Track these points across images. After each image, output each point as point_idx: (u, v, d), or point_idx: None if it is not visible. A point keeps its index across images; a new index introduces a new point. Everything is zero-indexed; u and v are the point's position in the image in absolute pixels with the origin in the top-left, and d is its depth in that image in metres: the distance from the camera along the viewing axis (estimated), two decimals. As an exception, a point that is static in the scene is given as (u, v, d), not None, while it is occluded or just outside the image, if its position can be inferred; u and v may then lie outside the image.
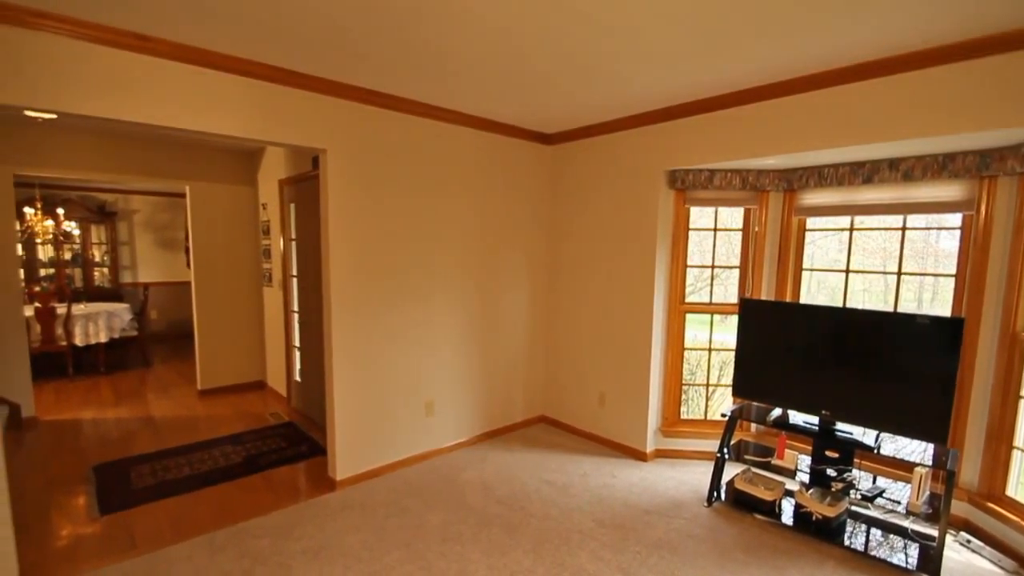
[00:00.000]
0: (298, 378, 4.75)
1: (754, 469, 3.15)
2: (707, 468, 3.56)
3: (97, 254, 7.72)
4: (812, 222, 3.52)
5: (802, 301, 3.56)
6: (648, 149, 3.59)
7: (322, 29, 2.24)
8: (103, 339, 5.98)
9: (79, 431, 4.22)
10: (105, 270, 7.76)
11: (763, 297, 3.63)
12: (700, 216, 3.85)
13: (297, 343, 4.72)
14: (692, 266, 3.83)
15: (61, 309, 5.70)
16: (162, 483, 3.29)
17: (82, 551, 2.58)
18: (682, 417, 3.89)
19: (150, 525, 2.82)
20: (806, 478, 2.90)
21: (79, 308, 6.00)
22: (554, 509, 3.05)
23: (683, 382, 3.87)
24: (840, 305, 3.27)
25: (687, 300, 3.81)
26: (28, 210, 6.19)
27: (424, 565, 2.50)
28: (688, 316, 3.79)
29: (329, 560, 2.53)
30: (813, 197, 3.41)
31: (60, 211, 6.64)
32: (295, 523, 2.85)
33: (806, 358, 2.96)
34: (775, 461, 3.03)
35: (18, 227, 5.32)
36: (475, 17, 2.09)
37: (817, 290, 3.78)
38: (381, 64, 2.66)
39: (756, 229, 3.62)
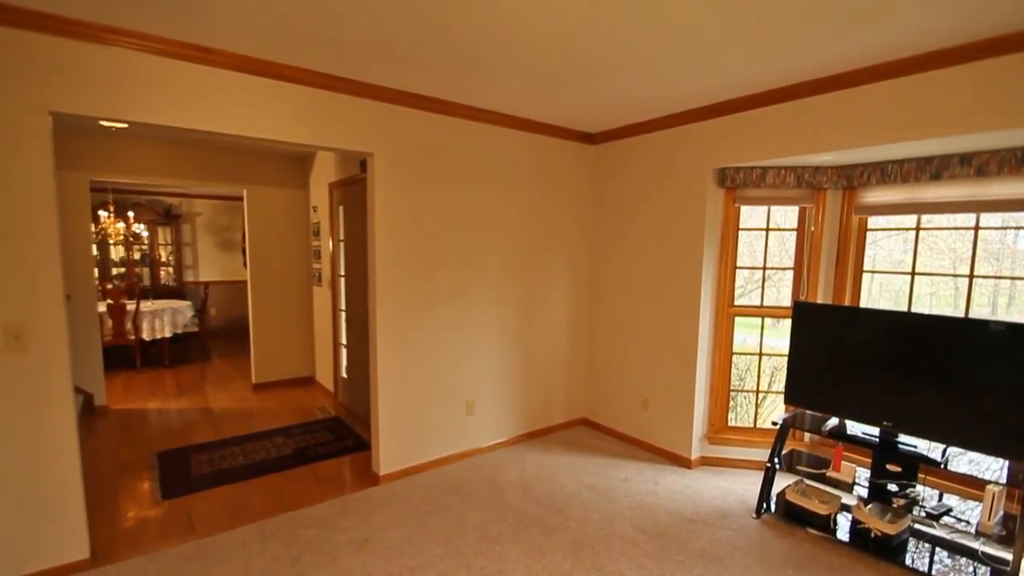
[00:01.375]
0: (344, 374, 4.89)
1: (807, 481, 3.00)
2: (755, 478, 3.42)
3: (163, 254, 8.23)
4: (874, 221, 3.32)
5: (862, 305, 3.36)
6: (695, 147, 3.49)
7: (371, 36, 2.30)
8: (167, 334, 6.36)
9: (145, 420, 4.50)
10: (170, 269, 8.25)
11: (819, 300, 3.45)
12: (751, 215, 3.70)
13: (344, 341, 4.86)
14: (742, 267, 3.69)
15: (131, 306, 6.10)
16: (218, 471, 3.46)
17: (146, 533, 2.75)
18: (729, 424, 3.75)
19: (207, 511, 2.97)
20: (864, 492, 2.74)
21: (146, 305, 6.41)
22: (594, 513, 3.00)
23: (731, 388, 3.73)
24: (905, 310, 3.06)
25: (736, 303, 3.67)
26: (102, 213, 6.67)
27: (464, 563, 2.51)
28: (737, 319, 3.65)
29: (372, 552, 2.58)
30: (875, 195, 3.21)
31: (131, 214, 7.13)
32: (340, 515, 2.93)
33: (867, 365, 2.79)
34: (830, 473, 2.87)
35: (93, 229, 5.71)
36: (519, 18, 2.09)
37: (879, 293, 3.55)
38: (426, 68, 2.71)
39: (812, 229, 3.45)
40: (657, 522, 2.92)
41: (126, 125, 2.66)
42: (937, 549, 2.61)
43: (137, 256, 8.01)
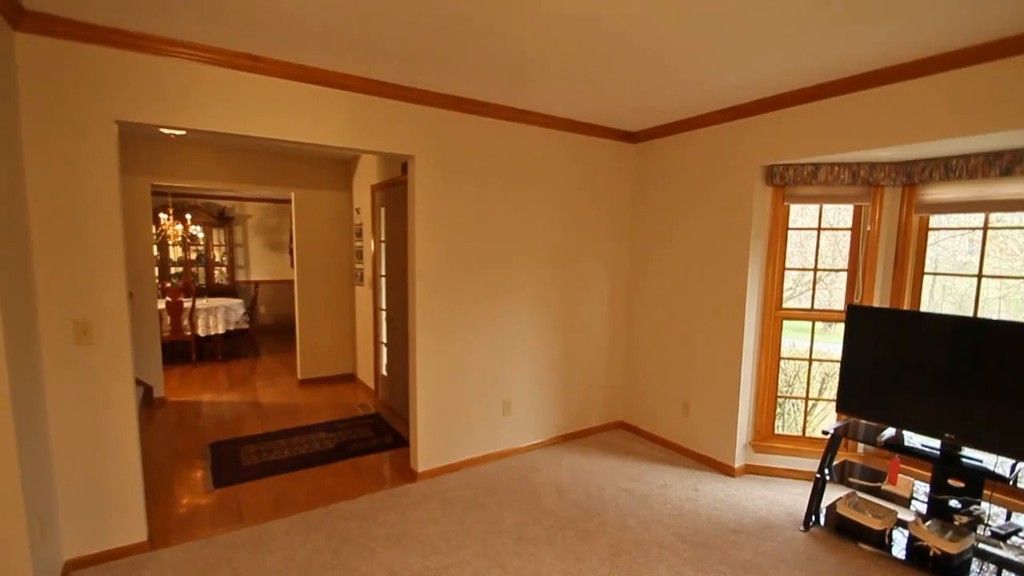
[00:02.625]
0: (384, 372, 5.00)
1: (860, 494, 2.84)
2: (803, 489, 3.27)
3: (217, 255, 8.65)
4: (936, 220, 3.12)
5: (923, 309, 3.16)
6: (742, 143, 3.37)
7: (412, 40, 2.34)
8: (220, 330, 6.68)
9: (199, 411, 4.74)
10: (223, 269, 8.67)
11: (876, 304, 3.27)
12: (801, 214, 3.55)
13: (384, 339, 4.97)
14: (791, 269, 3.54)
15: (187, 303, 6.44)
16: (266, 463, 3.60)
17: (198, 520, 2.89)
18: (776, 432, 3.60)
19: (255, 500, 3.10)
20: (923, 508, 2.57)
21: (202, 303, 6.75)
22: (632, 519, 2.95)
23: (778, 394, 3.58)
24: (971, 314, 2.86)
25: (784, 305, 3.53)
26: (162, 216, 7.08)
27: (499, 562, 2.52)
28: (785, 323, 3.51)
29: (409, 547, 2.62)
30: (938, 192, 3.02)
31: (188, 217, 7.52)
32: (379, 509, 2.99)
33: (927, 373, 2.61)
34: (886, 486, 2.71)
35: (154, 231, 6.06)
36: (560, 17, 2.08)
37: (941, 297, 3.34)
38: (467, 71, 2.73)
39: (868, 228, 3.28)
40: (698, 531, 2.84)
41: (184, 132, 2.82)
42: (1004, 572, 2.42)
43: (193, 256, 8.45)
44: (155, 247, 5.99)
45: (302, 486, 3.28)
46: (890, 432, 2.81)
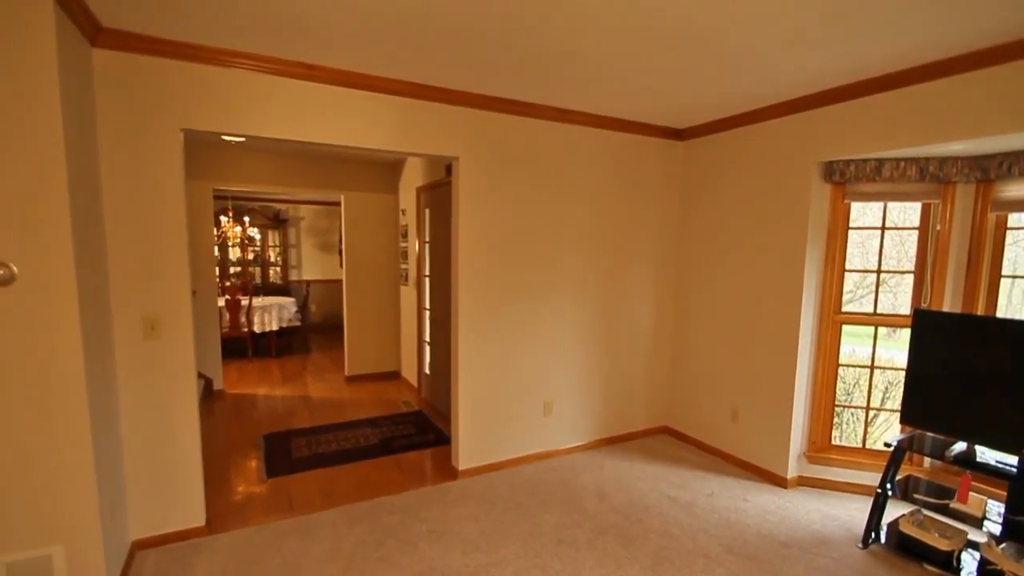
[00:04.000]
0: (427, 371, 5.08)
1: (926, 511, 2.65)
2: (862, 504, 3.08)
3: (272, 255, 9.07)
4: (1016, 219, 2.87)
5: (999, 314, 2.92)
6: (798, 139, 3.22)
7: (458, 43, 2.36)
8: (274, 327, 6.99)
9: (254, 404, 4.97)
10: (277, 269, 9.07)
11: (945, 308, 3.04)
12: (862, 213, 3.35)
13: (427, 338, 5.06)
14: (851, 270, 3.34)
15: (245, 301, 6.78)
16: (315, 455, 3.74)
17: (252, 507, 3.03)
18: (833, 443, 3.41)
19: (304, 491, 3.22)
20: (997, 529, 2.37)
21: (258, 301, 7.08)
22: (676, 527, 2.86)
23: (836, 403, 3.39)
24: (1058, 321, 2.61)
25: (844, 309, 3.34)
26: (223, 218, 7.48)
27: (539, 564, 2.50)
28: (845, 328, 3.32)
29: (450, 544, 2.65)
30: (1018, 188, 2.78)
31: (246, 219, 7.92)
32: (421, 505, 3.04)
33: (1004, 384, 2.41)
34: (955, 505, 2.52)
35: (215, 232, 6.39)
36: (606, 14, 2.05)
37: (1021, 302, 3.07)
38: (511, 72, 2.74)
39: (938, 228, 3.06)
40: (746, 543, 2.73)
41: (243, 139, 2.96)
42: (1100, 607, 2.20)
43: (251, 257, 8.89)
44: (216, 248, 6.34)
45: (348, 479, 3.38)
46: (960, 446, 2.60)
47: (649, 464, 3.69)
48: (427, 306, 5.04)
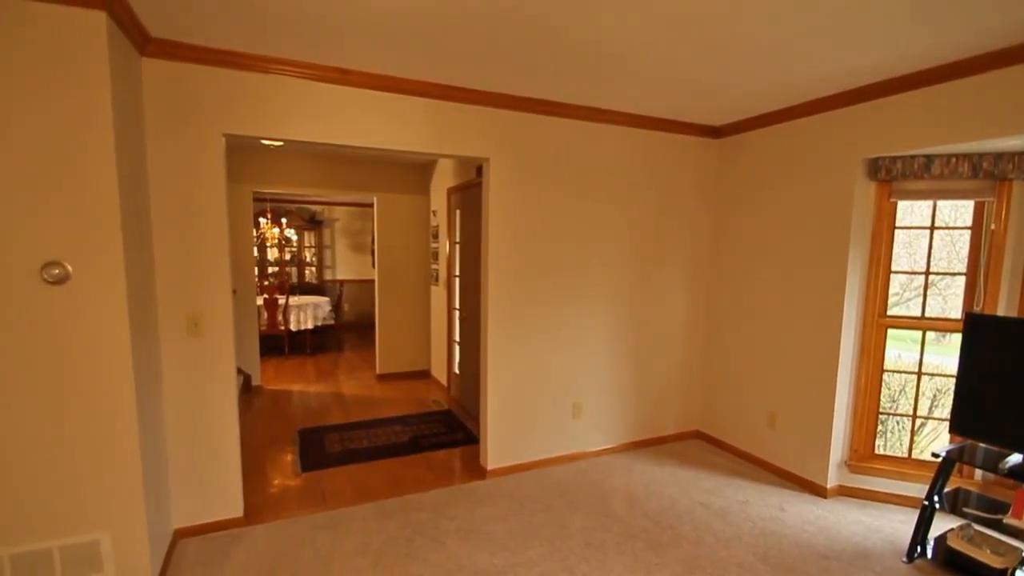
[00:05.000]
0: (457, 370, 5.12)
1: (976, 526, 2.51)
2: (907, 516, 2.94)
3: (308, 255, 9.32)
4: (1082, 217, 2.68)
5: (1063, 320, 2.73)
6: (840, 135, 3.10)
7: (489, 45, 2.37)
8: (309, 326, 7.17)
9: (290, 400, 5.12)
10: (313, 269, 9.32)
11: (1000, 312, 2.87)
12: (910, 212, 3.20)
13: (457, 338, 5.09)
14: (897, 272, 3.19)
15: (282, 300, 6.98)
16: (347, 451, 3.82)
17: (287, 500, 3.11)
18: (876, 452, 3.27)
19: (336, 486, 3.29)
20: (1064, 551, 2.22)
21: (294, 300, 7.29)
22: (708, 534, 2.80)
23: (880, 410, 3.25)
24: None
25: (889, 313, 3.19)
26: (261, 220, 7.72)
27: (566, 566, 2.48)
28: (890, 332, 3.17)
29: (478, 543, 2.66)
30: (1085, 184, 2.60)
31: (284, 220, 8.16)
32: (450, 503, 3.07)
33: (1068, 394, 2.25)
34: (1008, 520, 2.37)
35: (254, 234, 6.60)
36: (642, 11, 2.02)
37: (1088, 306, 2.87)
38: (542, 72, 2.73)
39: (992, 227, 2.89)
40: (783, 553, 2.64)
41: (282, 143, 3.06)
42: None
43: (288, 257, 9.15)
44: (255, 248, 6.55)
45: (379, 475, 3.44)
46: (1016, 459, 2.45)
47: (680, 469, 3.62)
48: (457, 306, 5.08)
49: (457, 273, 5.06)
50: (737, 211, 3.86)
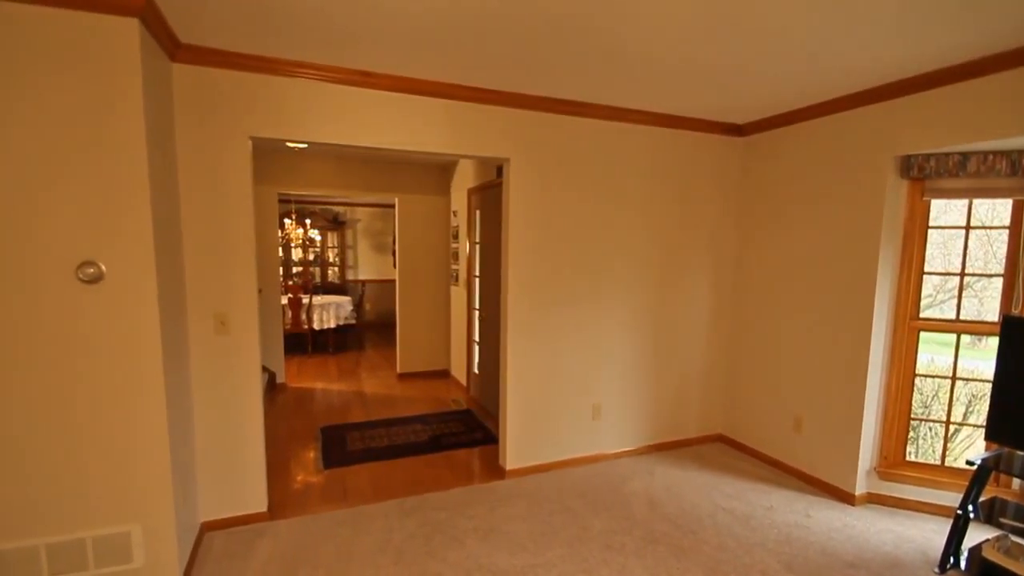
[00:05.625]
0: (476, 370, 5.14)
1: (1014, 537, 2.41)
2: (940, 526, 2.84)
3: (331, 256, 9.46)
4: None
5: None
6: (872, 132, 3.01)
7: (511, 47, 2.37)
8: (332, 325, 7.29)
9: (313, 397, 5.20)
10: (335, 269, 9.46)
11: (1040, 316, 2.76)
12: (944, 211, 3.09)
13: (477, 338, 5.11)
14: (931, 273, 3.09)
15: (305, 300, 7.11)
16: (368, 449, 3.86)
17: (309, 496, 3.17)
18: (907, 459, 3.17)
19: (357, 483, 3.33)
20: (1111, 567, 2.11)
21: (317, 299, 7.41)
22: (731, 540, 2.75)
23: (911, 416, 3.15)
24: None
25: (922, 315, 3.09)
26: (286, 221, 7.87)
27: (586, 568, 2.47)
28: (923, 335, 3.07)
29: (496, 543, 2.66)
30: None
31: (307, 221, 8.30)
32: (469, 503, 3.08)
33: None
34: (1055, 535, 2.27)
35: (279, 234, 6.73)
36: (666, 7, 2.00)
37: None
38: (563, 71, 2.72)
39: (1031, 226, 2.77)
40: (808, 561, 2.57)
41: (306, 145, 3.11)
42: None
43: (311, 257, 9.31)
44: (280, 249, 6.68)
45: (399, 474, 3.47)
46: (1061, 470, 2.34)
47: (702, 473, 3.56)
48: (476, 306, 5.10)
49: (477, 273, 5.07)
50: (762, 210, 3.79)
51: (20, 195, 1.89)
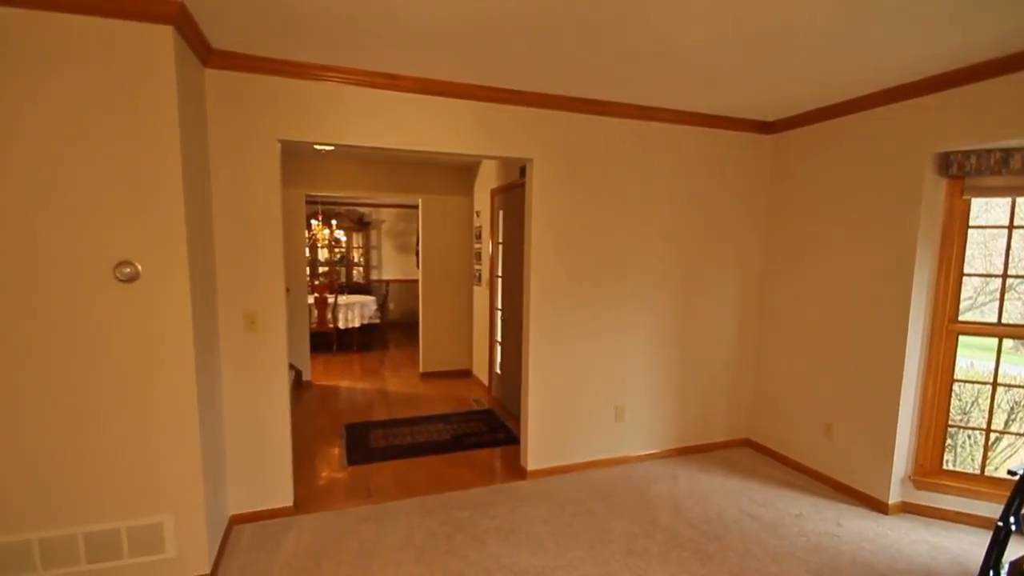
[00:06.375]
0: (498, 370, 5.15)
1: (1066, 555, 2.29)
2: (978, 537, 2.72)
3: (355, 256, 9.60)
4: None
5: None
6: (908, 128, 2.91)
7: (535, 47, 2.37)
8: (356, 324, 7.40)
9: (337, 395, 5.29)
10: (360, 269, 9.59)
11: (1091, 320, 2.62)
12: (985, 210, 2.97)
13: (499, 338, 5.12)
14: (971, 275, 2.97)
15: (331, 299, 7.23)
16: (391, 447, 3.90)
17: (334, 492, 3.22)
18: (945, 467, 3.05)
19: (381, 480, 3.37)
20: None
21: (342, 299, 7.53)
22: (758, 547, 2.68)
23: (949, 423, 3.03)
24: None
25: (961, 318, 2.97)
26: (313, 222, 8.02)
27: (608, 572, 2.45)
28: (962, 339, 2.95)
29: (517, 543, 2.66)
30: None
31: (334, 222, 8.44)
32: (490, 502, 3.08)
33: None
34: (1107, 551, 2.15)
35: (306, 235, 6.87)
36: (696, 6, 1.96)
37: None
38: (587, 71, 2.70)
39: (1081, 226, 2.64)
40: (839, 570, 2.50)
41: (333, 147, 3.16)
42: None
43: (337, 258, 9.47)
44: (307, 249, 6.81)
45: (421, 472, 3.50)
46: (1114, 482, 2.22)
47: (728, 478, 3.49)
48: (499, 306, 5.10)
49: (499, 273, 5.08)
50: (790, 210, 3.70)
51: (62, 197, 1.97)
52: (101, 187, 2.01)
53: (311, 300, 6.98)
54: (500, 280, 5.07)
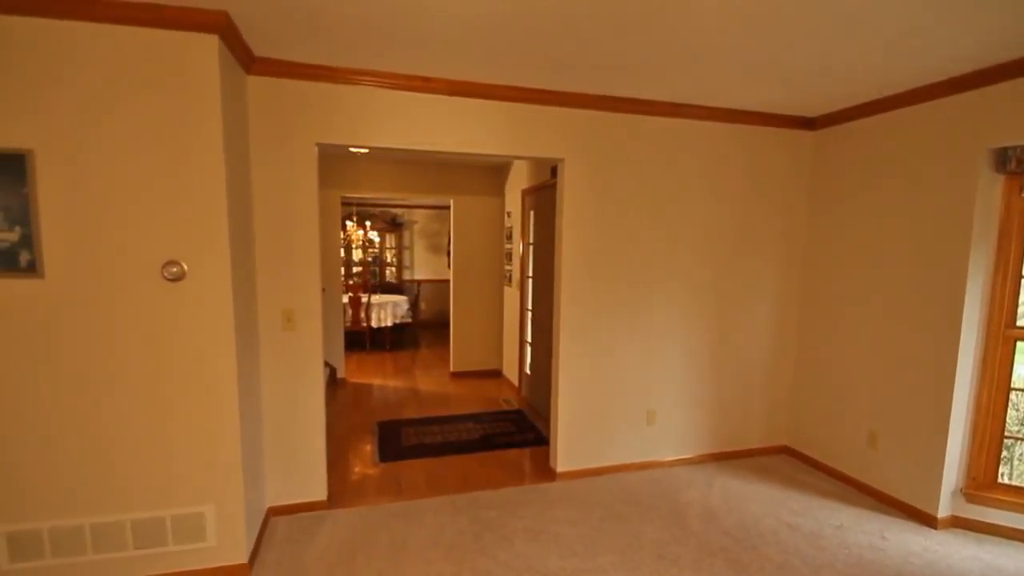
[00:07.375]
0: (528, 370, 5.14)
1: None
2: (1044, 560, 2.56)
3: (388, 256, 9.77)
4: None
5: None
6: (960, 122, 2.76)
7: (569, 46, 2.36)
8: (389, 323, 7.52)
9: (370, 393, 5.39)
10: (393, 269, 9.76)
11: None
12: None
13: (529, 338, 5.11)
14: (1027, 278, 2.79)
15: (364, 298, 7.37)
16: (422, 445, 3.95)
17: (366, 487, 3.28)
18: (1000, 480, 2.87)
19: (411, 477, 3.41)
20: None
21: (375, 298, 7.67)
22: (796, 558, 2.59)
23: (1005, 433, 2.85)
24: None
25: (1019, 324, 2.79)
26: (348, 223, 8.21)
27: (638, 578, 2.41)
28: (1020, 345, 2.78)
29: (546, 545, 2.65)
30: None
31: (368, 223, 8.62)
32: (519, 503, 3.08)
33: None
34: None
35: (341, 236, 7.02)
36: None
37: None
38: (620, 69, 2.66)
39: None
40: (882, 586, 2.39)
41: (367, 150, 3.22)
42: None
43: (370, 258, 9.65)
44: (341, 250, 6.97)
45: (451, 470, 3.53)
46: None
47: (765, 486, 3.39)
48: (529, 307, 5.10)
49: (530, 274, 5.08)
50: (834, 209, 3.56)
51: (115, 200, 2.08)
52: (148, 190, 2.11)
53: (345, 299, 7.13)
54: (530, 281, 5.06)
